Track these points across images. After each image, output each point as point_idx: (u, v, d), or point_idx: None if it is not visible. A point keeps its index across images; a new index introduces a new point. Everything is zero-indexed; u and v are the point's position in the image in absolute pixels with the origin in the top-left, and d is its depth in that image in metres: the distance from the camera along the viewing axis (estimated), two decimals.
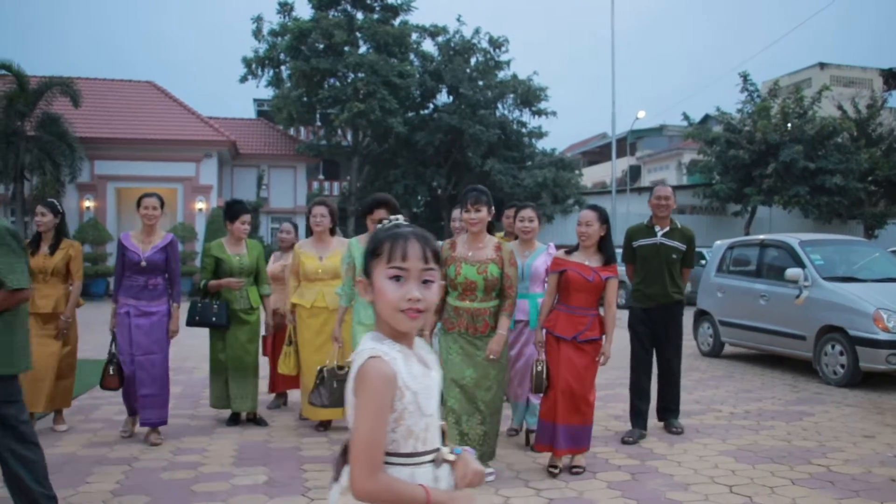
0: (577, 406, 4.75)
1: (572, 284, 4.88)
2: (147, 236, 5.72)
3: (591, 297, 4.91)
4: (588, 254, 5.00)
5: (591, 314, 4.90)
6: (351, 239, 5.13)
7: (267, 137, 32.49)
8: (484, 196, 4.62)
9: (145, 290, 5.58)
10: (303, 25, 27.66)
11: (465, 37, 29.54)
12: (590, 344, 4.85)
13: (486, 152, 27.99)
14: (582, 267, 4.92)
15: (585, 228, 4.96)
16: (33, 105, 22.73)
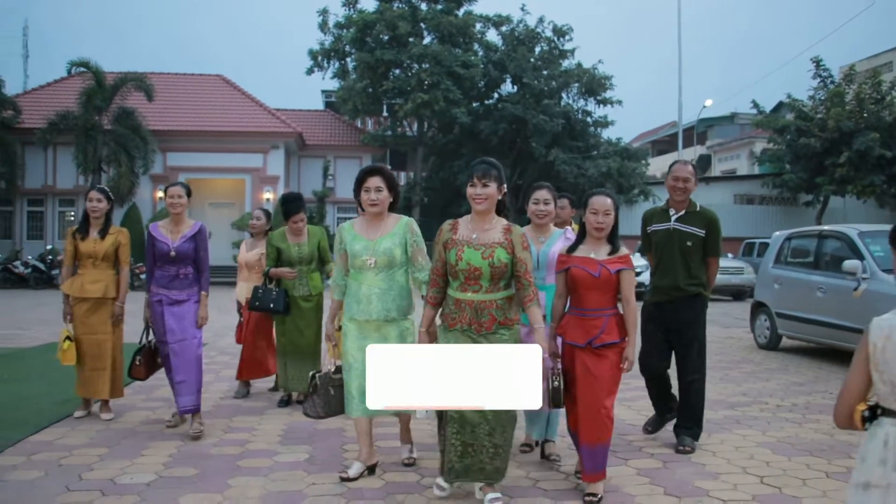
0: (598, 420, 4.16)
1: (578, 283, 4.26)
2: (175, 226, 5.69)
3: (602, 296, 4.25)
4: (595, 245, 4.33)
5: (606, 315, 4.24)
6: (342, 224, 4.61)
7: (333, 128, 33.03)
8: (494, 170, 3.99)
9: (176, 279, 5.59)
10: (367, 17, 28.01)
11: (528, 26, 29.51)
12: (609, 349, 4.20)
13: (551, 142, 27.91)
14: (586, 261, 4.27)
15: (604, 218, 4.26)
16: (109, 100, 23.71)
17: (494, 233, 4.01)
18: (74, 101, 24.07)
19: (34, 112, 25.59)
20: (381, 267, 4.32)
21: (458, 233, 4.06)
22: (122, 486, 4.31)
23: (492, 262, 3.92)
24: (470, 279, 3.96)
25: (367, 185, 4.42)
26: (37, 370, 7.84)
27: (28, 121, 25.25)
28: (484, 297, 3.96)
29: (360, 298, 4.34)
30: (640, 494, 4.30)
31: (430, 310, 4.17)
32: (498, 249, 3.94)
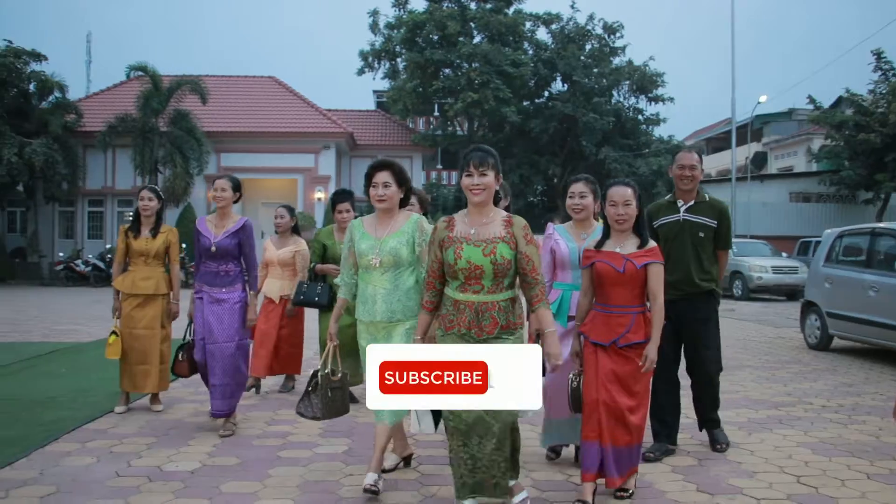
0: (623, 421, 3.94)
1: (603, 279, 4.04)
2: (220, 220, 5.56)
3: (629, 292, 4.01)
4: (621, 239, 4.08)
5: (634, 312, 4.00)
6: (353, 220, 4.43)
7: (384, 128, 33.31)
8: (491, 157, 3.66)
9: (217, 276, 5.46)
10: (417, 18, 28.22)
11: (578, 23, 29.44)
12: (635, 349, 3.98)
13: (601, 140, 27.79)
14: (611, 256, 4.04)
15: (624, 210, 4.01)
16: (166, 103, 24.33)
17: (494, 227, 3.66)
18: (133, 104, 24.76)
19: (95, 115, 26.37)
20: (387, 267, 4.12)
21: (454, 229, 3.72)
22: (167, 473, 4.49)
23: (494, 259, 3.57)
24: (470, 279, 3.61)
25: (375, 180, 4.23)
26: (93, 364, 8.12)
27: (89, 124, 26.02)
28: (485, 297, 3.60)
29: (365, 299, 4.19)
30: (673, 491, 4.31)
31: (426, 315, 3.83)
32: (500, 245, 3.59)
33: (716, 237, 5.09)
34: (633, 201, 4.03)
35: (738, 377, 8.09)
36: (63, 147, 24.93)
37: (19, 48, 25.04)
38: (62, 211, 28.14)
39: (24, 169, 23.50)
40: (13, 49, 24.84)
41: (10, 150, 23.04)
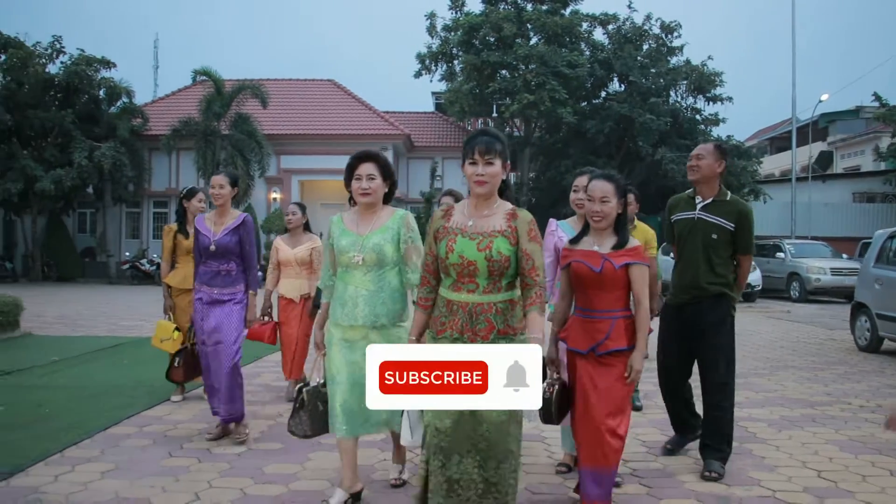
0: (599, 441, 3.59)
1: (580, 279, 3.71)
2: (219, 218, 5.28)
3: (609, 295, 3.67)
4: (600, 237, 3.75)
5: (614, 317, 3.66)
6: (332, 217, 4.09)
7: (441, 130, 33.63)
8: (499, 143, 3.25)
9: (218, 276, 5.20)
10: (473, 20, 28.41)
11: (635, 23, 29.24)
12: (616, 357, 3.64)
13: (658, 141, 27.56)
14: (588, 254, 3.71)
15: (600, 206, 3.67)
16: (228, 106, 25.09)
17: (495, 219, 3.26)
18: (196, 108, 25.58)
19: (160, 119, 27.31)
20: (370, 265, 3.81)
21: (451, 219, 3.33)
22: (216, 455, 4.83)
23: (489, 254, 3.18)
24: (463, 276, 3.22)
25: (358, 172, 3.91)
26: (153, 356, 8.53)
27: (154, 128, 26.97)
28: (480, 298, 3.21)
29: (345, 301, 3.84)
30: (691, 480, 4.47)
31: (422, 314, 3.42)
32: (498, 239, 3.20)
33: (735, 241, 4.71)
34: (613, 199, 3.68)
35: (780, 377, 8.13)
36: (130, 150, 25.92)
37: (90, 56, 26.10)
38: (129, 212, 29.18)
39: (94, 172, 24.52)
40: (85, 57, 25.90)
41: (81, 153, 24.07)
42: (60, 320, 13.11)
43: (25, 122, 24.59)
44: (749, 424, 5.90)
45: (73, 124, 24.80)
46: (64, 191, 24.32)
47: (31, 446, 4.91)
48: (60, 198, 25.37)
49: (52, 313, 14.13)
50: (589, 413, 3.61)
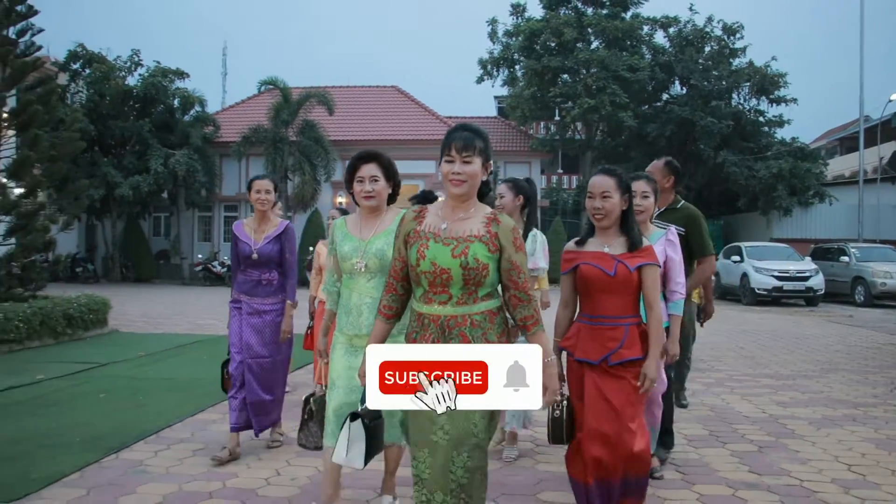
0: (617, 457, 3.34)
1: (590, 283, 3.45)
2: (260, 225, 5.08)
3: (621, 300, 3.44)
4: (607, 237, 3.52)
5: (627, 324, 3.43)
6: (336, 220, 3.91)
7: (503, 134, 34.02)
8: (479, 140, 2.94)
9: (259, 285, 5.01)
10: (534, 26, 28.79)
11: (697, 26, 29.20)
12: (628, 368, 3.40)
13: (719, 144, 27.51)
14: (598, 256, 3.47)
15: (601, 202, 3.46)
16: (295, 114, 26.00)
17: (473, 223, 2.94)
18: (264, 115, 26.55)
19: (230, 127, 28.43)
20: (374, 271, 3.60)
21: (423, 222, 3.02)
22: (288, 439, 5.34)
23: (464, 261, 2.85)
24: (435, 285, 2.90)
25: (360, 174, 3.71)
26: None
27: (225, 135, 28.08)
28: (454, 310, 2.89)
29: (349, 309, 3.65)
30: (725, 470, 4.81)
31: (382, 323, 3.10)
32: (474, 245, 2.87)
33: (689, 245, 4.88)
34: (615, 194, 3.46)
35: (829, 379, 8.32)
36: (202, 157, 27.05)
37: (166, 68, 27.37)
38: (201, 216, 30.35)
39: (169, 178, 25.71)
40: (160, 69, 27.18)
41: (157, 160, 25.26)
42: (142, 318, 13.96)
43: (107, 131, 25.92)
44: (789, 422, 6.18)
45: (149, 133, 26.02)
46: (141, 196, 25.54)
47: (133, 427, 5.57)
48: (138, 203, 26.62)
49: (134, 312, 15.01)
50: (606, 429, 3.33)
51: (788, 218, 27.42)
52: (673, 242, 4.26)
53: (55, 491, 4.19)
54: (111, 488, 4.25)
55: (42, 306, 10.15)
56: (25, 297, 10.68)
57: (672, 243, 4.26)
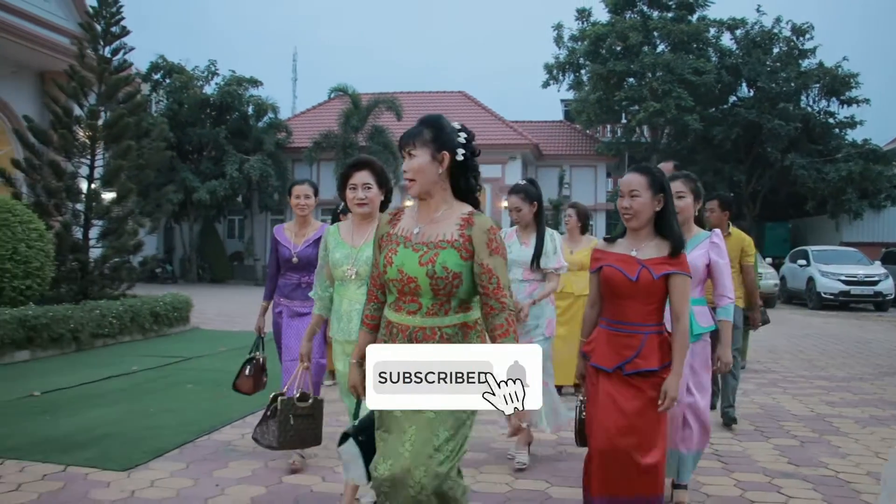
0: (625, 471, 3.21)
1: (611, 287, 3.32)
2: (300, 228, 5.08)
3: (643, 307, 3.27)
4: (638, 239, 3.36)
5: (646, 332, 3.27)
6: (328, 227, 3.93)
7: (568, 138, 34.29)
8: (427, 130, 2.74)
9: (298, 288, 4.99)
10: (599, 31, 28.97)
11: (765, 27, 28.91)
12: (646, 378, 3.24)
13: (787, 146, 27.23)
14: (623, 259, 3.32)
15: (630, 202, 3.31)
16: (364, 120, 26.78)
17: (445, 226, 2.72)
18: (335, 121, 27.40)
19: (302, 133, 29.40)
20: (365, 279, 3.53)
21: (397, 225, 2.84)
22: None
23: (431, 270, 2.65)
24: (405, 294, 2.73)
25: (353, 181, 3.70)
26: None
27: (297, 141, 29.06)
28: (423, 321, 2.70)
29: (340, 316, 3.70)
30: (765, 461, 5.13)
31: (366, 334, 2.93)
32: (445, 252, 2.67)
33: None
34: (645, 193, 3.29)
35: (884, 382, 8.48)
36: (275, 162, 28.05)
37: (241, 76, 28.51)
38: (273, 219, 31.38)
39: (244, 182, 26.75)
40: (236, 78, 28.32)
41: (233, 166, 26.33)
42: (219, 316, 14.75)
43: (185, 138, 27.13)
44: (835, 420, 6.43)
45: (225, 139, 27.14)
46: (217, 200, 26.64)
47: (220, 413, 6.18)
48: (214, 206, 27.73)
49: (211, 310, 15.82)
50: (614, 440, 3.20)
51: (859, 221, 26.97)
52: (718, 245, 4.11)
53: (160, 463, 4.80)
54: (206, 463, 4.83)
55: (132, 304, 10.94)
56: (117, 295, 11.51)
57: (717, 246, 4.10)
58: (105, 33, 11.93)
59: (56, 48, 16.15)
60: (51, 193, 11.43)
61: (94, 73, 11.83)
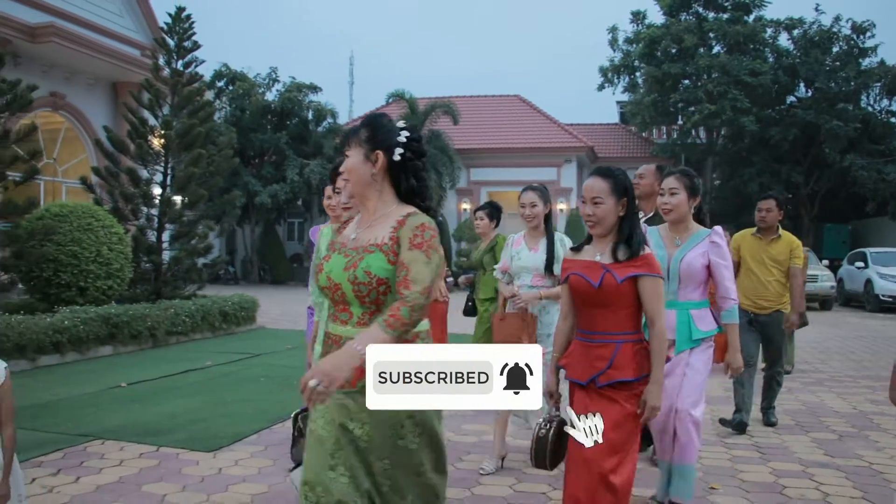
0: (594, 490, 2.98)
1: (578, 295, 3.16)
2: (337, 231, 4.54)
3: (613, 314, 3.09)
4: (603, 244, 3.18)
5: (619, 341, 3.08)
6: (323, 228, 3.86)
7: (623, 141, 34.38)
8: (364, 131, 2.59)
9: None
10: (654, 33, 28.98)
11: (823, 26, 28.55)
12: (619, 390, 3.04)
13: (846, 147, 26.89)
14: (588, 266, 3.14)
15: (593, 209, 3.13)
16: (421, 125, 27.32)
17: (380, 229, 2.57)
18: None
19: None
20: None
21: (343, 231, 2.75)
22: None
23: (352, 275, 2.50)
24: (337, 302, 2.60)
25: (338, 184, 3.68)
26: None
27: None
28: (354, 331, 2.52)
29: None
30: (801, 452, 5.43)
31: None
32: (370, 256, 2.51)
33: None
34: (608, 198, 3.11)
35: None
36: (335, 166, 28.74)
37: (300, 83, 29.31)
38: None
39: (304, 186, 27.51)
40: (296, 84, 29.14)
41: (293, 170, 27.13)
42: (283, 316, 15.39)
43: (248, 143, 28.01)
44: (876, 417, 6.65)
45: (286, 144, 27.95)
46: (278, 203, 27.47)
47: (292, 403, 6.56)
48: (274, 209, 28.57)
49: (274, 311, 16.49)
50: (584, 457, 2.98)
51: None
52: (718, 245, 3.95)
53: (240, 446, 5.33)
54: (282, 447, 5.32)
55: (202, 304, 11.61)
56: (187, 295, 12.22)
57: (717, 246, 3.95)
58: (178, 48, 12.67)
59: (129, 60, 17.11)
60: (127, 199, 12.20)
61: (167, 85, 12.58)
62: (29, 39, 14.89)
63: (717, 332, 3.97)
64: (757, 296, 6.17)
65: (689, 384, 3.85)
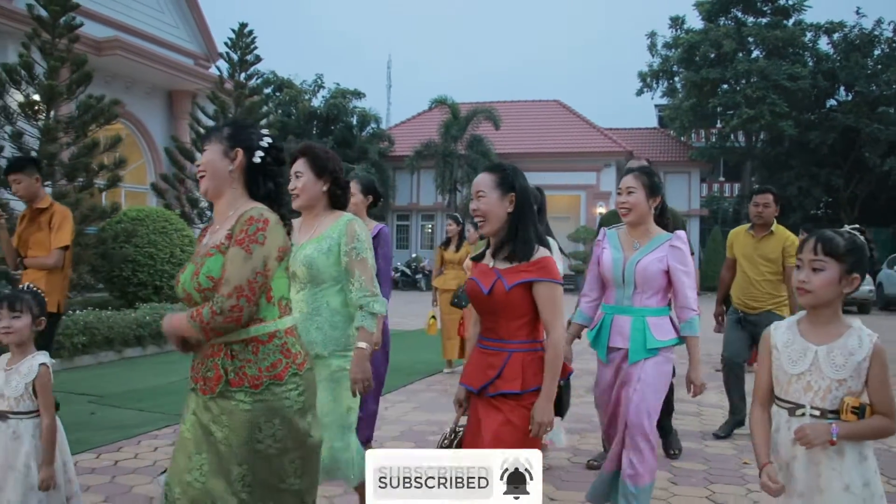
0: None
1: (473, 302, 3.02)
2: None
3: (507, 322, 2.89)
4: (495, 247, 2.99)
5: (511, 350, 2.88)
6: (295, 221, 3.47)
7: (662, 145, 34.63)
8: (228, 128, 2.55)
9: None
10: (692, 38, 29.28)
11: (865, 29, 28.58)
12: (507, 402, 2.84)
13: (887, 151, 26.95)
14: (483, 271, 2.99)
15: (476, 202, 2.93)
16: (463, 130, 27.99)
17: (221, 231, 2.45)
18: (434, 131, 28.72)
19: (402, 142, 30.89)
20: (304, 282, 3.25)
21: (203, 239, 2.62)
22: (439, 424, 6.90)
23: (197, 283, 2.37)
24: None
25: (293, 170, 3.36)
26: (414, 345, 10.94)
27: (398, 149, 30.56)
28: (215, 339, 2.38)
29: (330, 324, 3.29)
30: None
31: None
32: (212, 259, 2.38)
33: None
34: (490, 192, 2.90)
35: None
36: (378, 170, 29.54)
37: (345, 89, 30.20)
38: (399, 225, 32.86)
39: None
40: (341, 90, 30.03)
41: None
42: None
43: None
44: None
45: (332, 149, 28.72)
46: None
47: None
48: None
49: None
50: None
51: None
52: (679, 249, 3.64)
53: None
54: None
55: None
56: None
57: (677, 250, 3.64)
58: (241, 61, 13.49)
59: (184, 70, 17.97)
60: (193, 203, 13.01)
61: (230, 96, 13.39)
62: (96, 53, 15.78)
63: (676, 343, 3.67)
64: (746, 295, 5.95)
65: (639, 397, 3.54)
